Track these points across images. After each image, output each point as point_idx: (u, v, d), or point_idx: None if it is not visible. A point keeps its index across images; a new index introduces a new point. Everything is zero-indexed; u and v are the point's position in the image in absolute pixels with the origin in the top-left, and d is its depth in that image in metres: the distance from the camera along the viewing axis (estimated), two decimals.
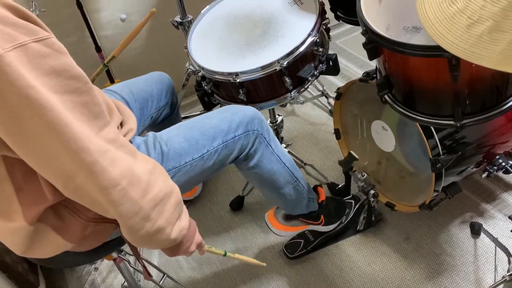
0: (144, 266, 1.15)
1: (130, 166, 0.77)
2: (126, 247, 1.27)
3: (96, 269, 1.70)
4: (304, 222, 1.49)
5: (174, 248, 0.94)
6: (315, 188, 1.51)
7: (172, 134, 1.12)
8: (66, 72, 0.69)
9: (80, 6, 1.87)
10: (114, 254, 1.27)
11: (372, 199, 1.46)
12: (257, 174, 1.25)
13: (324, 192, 1.51)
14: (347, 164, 1.42)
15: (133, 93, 1.34)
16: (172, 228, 0.86)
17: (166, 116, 1.50)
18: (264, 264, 1.32)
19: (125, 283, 1.48)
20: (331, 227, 1.56)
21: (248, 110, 1.18)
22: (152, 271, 1.62)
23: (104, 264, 1.72)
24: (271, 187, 1.32)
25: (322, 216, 1.51)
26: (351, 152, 1.39)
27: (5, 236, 0.90)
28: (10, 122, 0.67)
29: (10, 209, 0.83)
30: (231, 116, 1.15)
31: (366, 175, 1.44)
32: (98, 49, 2.00)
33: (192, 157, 1.10)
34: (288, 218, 1.48)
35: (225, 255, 1.18)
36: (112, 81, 2.10)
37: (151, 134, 1.12)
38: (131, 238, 0.84)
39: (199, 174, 1.13)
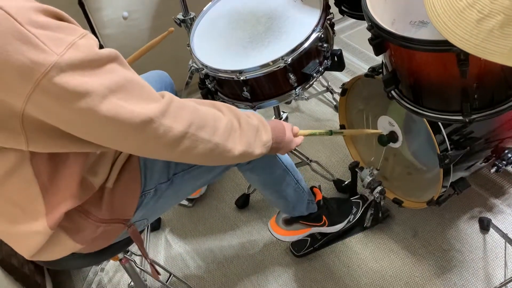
0: (152, 265, 1.15)
1: (194, 110, 0.82)
2: (132, 248, 1.26)
3: (102, 269, 1.70)
4: (305, 225, 1.48)
5: (271, 151, 1.01)
6: (311, 189, 1.50)
7: None
8: (108, 56, 0.71)
9: (81, 5, 1.86)
10: (120, 255, 1.26)
11: (379, 196, 1.44)
12: (259, 176, 1.26)
13: (320, 192, 1.50)
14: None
15: None
16: (254, 147, 0.93)
17: None
18: (380, 131, 1.40)
19: (132, 283, 1.48)
20: (338, 227, 1.55)
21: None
22: (159, 271, 1.61)
23: (110, 264, 1.71)
24: (272, 189, 1.32)
25: (324, 217, 1.50)
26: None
27: (18, 239, 0.90)
28: (76, 119, 0.70)
29: (34, 210, 0.84)
30: None
31: (375, 171, 1.43)
32: (101, 47, 1.98)
33: None
34: (289, 222, 1.48)
35: (331, 134, 1.26)
36: None
37: None
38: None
39: (205, 177, 1.14)
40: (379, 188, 1.44)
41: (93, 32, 1.94)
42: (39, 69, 0.63)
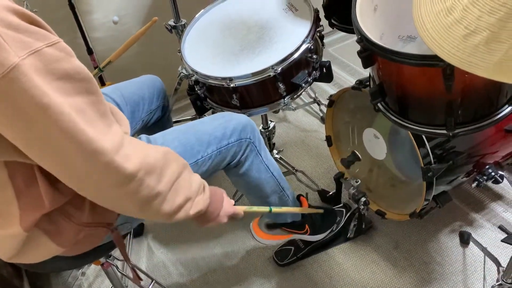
0: (133, 270, 1.13)
1: (145, 156, 0.78)
2: (114, 252, 1.25)
3: (83, 273, 1.67)
4: (287, 231, 1.49)
5: (202, 219, 0.97)
6: (298, 197, 1.51)
7: (168, 138, 1.11)
8: (78, 74, 0.69)
9: (72, 7, 1.85)
10: (102, 259, 1.25)
11: (362, 207, 1.46)
12: (245, 181, 1.26)
13: (306, 202, 1.51)
14: (349, 163, 1.43)
15: (125, 97, 1.33)
16: (193, 203, 0.89)
17: (157, 120, 1.49)
18: (321, 210, 1.37)
19: None
20: (319, 236, 1.56)
21: (242, 118, 1.19)
22: (141, 276, 1.59)
23: (91, 269, 1.69)
24: (257, 195, 1.32)
25: (306, 226, 1.51)
26: (355, 151, 1.40)
27: None
28: (26, 129, 0.67)
29: (9, 214, 0.82)
30: (226, 123, 1.16)
31: (358, 181, 1.44)
32: (90, 51, 1.98)
33: None
34: (271, 227, 1.48)
35: (270, 211, 1.22)
36: (103, 84, 2.08)
37: (144, 137, 1.11)
38: (155, 219, 0.87)
39: None
40: (363, 199, 1.46)
41: (83, 35, 1.94)
42: None
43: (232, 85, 1.28)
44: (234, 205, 1.10)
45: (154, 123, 1.48)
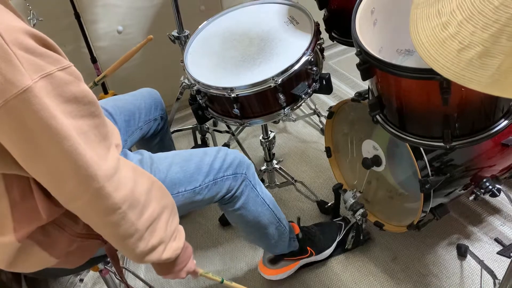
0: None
1: (132, 188, 0.80)
2: None
3: (81, 280, 1.68)
4: (291, 260, 1.52)
5: (166, 267, 0.96)
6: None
7: (172, 162, 1.15)
8: (84, 98, 0.73)
9: (77, 16, 1.88)
10: (101, 266, 1.25)
11: (360, 218, 1.47)
12: (242, 215, 1.28)
13: (297, 227, 1.52)
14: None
15: (119, 106, 1.35)
16: (165, 247, 0.90)
17: (156, 131, 1.51)
18: None
19: None
20: (327, 253, 1.58)
21: (238, 154, 1.24)
22: (138, 284, 1.60)
23: (90, 276, 1.69)
24: (255, 228, 1.34)
25: (308, 248, 1.53)
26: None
27: None
28: (28, 146, 0.69)
29: (2, 224, 0.84)
30: (224, 156, 1.20)
31: (356, 192, 1.46)
32: (94, 60, 2.01)
33: (185, 188, 1.13)
34: (274, 261, 1.51)
35: (222, 282, 1.18)
36: (106, 92, 2.10)
37: (147, 155, 1.14)
38: (127, 256, 0.89)
39: (184, 206, 1.15)
40: (361, 211, 1.47)
41: (87, 44, 1.97)
42: (11, 89, 0.64)
43: (233, 95, 1.29)
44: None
45: (153, 134, 1.50)
